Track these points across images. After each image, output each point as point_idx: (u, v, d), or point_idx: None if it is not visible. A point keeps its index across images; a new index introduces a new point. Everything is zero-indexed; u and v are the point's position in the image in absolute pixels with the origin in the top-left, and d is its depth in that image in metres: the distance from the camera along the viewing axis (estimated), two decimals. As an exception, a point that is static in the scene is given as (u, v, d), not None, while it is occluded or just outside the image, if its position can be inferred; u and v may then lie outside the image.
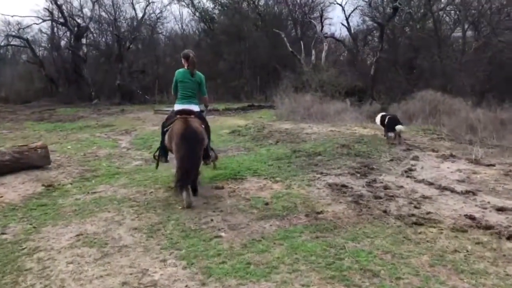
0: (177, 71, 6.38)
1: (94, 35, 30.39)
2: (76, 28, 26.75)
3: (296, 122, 12.63)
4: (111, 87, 27.78)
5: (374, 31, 29.54)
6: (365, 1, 22.93)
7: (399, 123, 9.37)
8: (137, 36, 29.06)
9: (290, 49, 23.39)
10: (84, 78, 27.15)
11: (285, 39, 24.34)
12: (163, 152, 6.66)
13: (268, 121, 13.80)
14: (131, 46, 29.56)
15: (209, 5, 28.94)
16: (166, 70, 28.97)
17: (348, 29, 29.12)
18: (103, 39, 31.71)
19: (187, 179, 5.55)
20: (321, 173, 6.81)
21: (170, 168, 7.05)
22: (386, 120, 9.54)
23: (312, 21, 26.24)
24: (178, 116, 5.98)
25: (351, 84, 19.85)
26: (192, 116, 5.95)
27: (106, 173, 7.88)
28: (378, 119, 10.03)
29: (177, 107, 6.18)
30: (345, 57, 28.60)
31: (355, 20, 29.39)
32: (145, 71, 28.84)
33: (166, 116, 7.27)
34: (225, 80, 24.63)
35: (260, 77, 24.85)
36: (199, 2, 29.08)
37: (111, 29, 29.65)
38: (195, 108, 6.19)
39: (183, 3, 29.11)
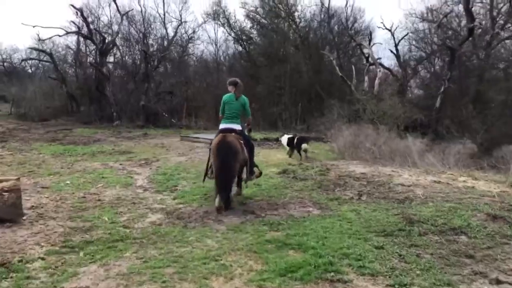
0: (224, 95, 7.01)
1: (121, 51, 28.16)
2: (101, 43, 24.56)
3: (368, 164, 9.57)
4: (135, 108, 25.35)
5: (426, 60, 26.64)
6: (431, 23, 19.96)
7: (305, 141, 10.82)
8: (166, 55, 26.72)
9: (340, 74, 20.48)
10: (107, 97, 24.81)
11: (334, 62, 21.50)
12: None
13: (326, 158, 10.75)
14: (159, 65, 27.24)
15: (246, 24, 26.52)
16: (196, 92, 26.48)
17: (397, 56, 26.19)
18: (130, 57, 29.59)
19: (223, 191, 6.09)
20: (489, 278, 3.65)
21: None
22: (295, 141, 10.91)
23: (363, 44, 23.37)
24: (220, 134, 6.59)
25: (411, 116, 16.70)
26: (233, 134, 6.55)
27: (105, 237, 4.95)
28: (284, 140, 11.27)
29: (222, 126, 6.85)
30: (393, 87, 25.43)
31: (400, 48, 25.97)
32: (173, 93, 26.35)
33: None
34: (261, 106, 21.78)
35: (301, 104, 21.95)
36: (235, 22, 26.68)
37: (139, 47, 27.50)
38: (237, 127, 6.79)
39: (218, 22, 26.73)
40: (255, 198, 6.89)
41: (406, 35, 26.29)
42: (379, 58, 22.44)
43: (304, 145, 10.64)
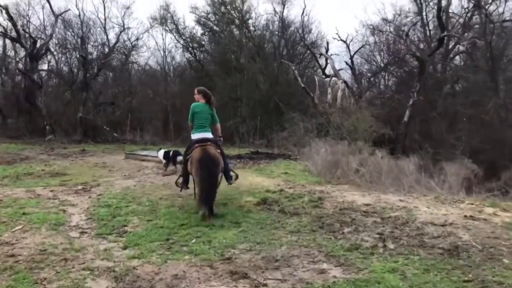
0: (194, 104, 7.08)
1: (56, 58, 25.21)
2: (32, 47, 21.59)
3: (363, 189, 7.97)
4: (71, 120, 22.51)
5: (381, 73, 26.09)
6: (399, 33, 19.11)
7: (179, 154, 10.60)
8: (107, 62, 24.13)
9: (302, 85, 19.05)
10: (38, 108, 21.82)
11: (296, 72, 20.07)
12: (185, 180, 7.26)
13: (307, 182, 9.08)
14: (99, 74, 24.55)
15: (196, 30, 24.56)
16: (142, 103, 24.08)
17: (352, 68, 25.36)
18: (66, 65, 26.62)
19: (209, 199, 6.39)
20: None
21: None
22: (171, 154, 11.21)
23: (324, 55, 22.20)
24: (196, 144, 6.72)
25: (378, 131, 15.53)
26: (209, 143, 6.73)
27: None
28: (161, 154, 11.52)
29: (195, 136, 6.93)
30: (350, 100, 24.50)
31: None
32: (115, 104, 23.76)
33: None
34: None
35: (259, 117, 20.25)
36: (185, 28, 24.64)
37: (76, 53, 24.70)
38: (210, 135, 6.97)
39: (166, 28, 24.55)
40: (238, 246, 5.04)
41: (362, 46, 25.63)
42: (341, 69, 21.43)
43: (179, 158, 10.85)
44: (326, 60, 23.89)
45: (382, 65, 25.61)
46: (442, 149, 13.64)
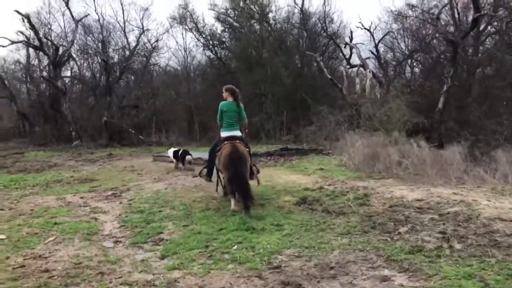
0: (222, 103, 7.17)
1: (78, 64, 25.29)
2: (54, 54, 21.64)
3: (410, 183, 7.43)
4: (97, 125, 22.50)
5: (406, 61, 25.16)
6: (426, 17, 18.24)
7: (189, 154, 11.71)
8: (129, 64, 24.04)
9: (329, 77, 18.46)
10: (64, 114, 21.89)
11: (321, 63, 19.49)
12: (209, 173, 7.61)
13: (346, 178, 8.58)
14: (121, 77, 24.50)
15: (216, 28, 24.17)
16: (165, 104, 23.89)
17: (378, 57, 24.55)
18: (89, 70, 26.71)
19: (247, 198, 6.35)
20: None
21: None
22: (180, 153, 11.77)
23: (350, 44, 21.51)
24: (226, 142, 6.88)
25: (411, 120, 14.81)
26: (237, 141, 6.89)
27: None
28: (171, 153, 12.16)
29: (224, 134, 7.09)
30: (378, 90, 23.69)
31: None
32: (139, 106, 23.65)
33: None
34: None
35: (286, 112, 19.73)
36: (204, 26, 24.27)
37: (98, 58, 24.69)
38: (238, 133, 7.13)
39: (185, 27, 24.26)
40: (285, 252, 4.62)
41: (387, 34, 24.78)
42: (367, 58, 20.70)
43: (188, 157, 11.67)
44: (351, 49, 23.20)
45: (407, 52, 24.76)
46: (482, 136, 12.86)
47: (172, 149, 12.33)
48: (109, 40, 25.17)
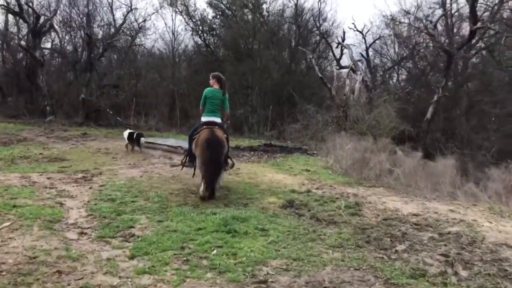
0: (206, 89, 7.18)
1: (60, 36, 24.12)
2: (33, 21, 20.48)
3: (402, 194, 7.03)
4: (73, 102, 21.49)
5: (394, 68, 25.05)
6: (427, 21, 17.93)
7: (143, 136, 12.07)
8: (113, 41, 23.04)
9: (320, 75, 18.00)
10: (39, 87, 20.82)
11: (313, 61, 19.01)
12: (191, 158, 7.34)
13: (335, 182, 8.14)
14: (104, 54, 23.47)
15: (207, 13, 23.36)
16: (147, 87, 23.03)
17: (367, 60, 24.30)
18: (71, 44, 25.52)
19: (212, 181, 6.54)
20: None
21: None
22: (135, 136, 11.94)
23: (343, 44, 21.05)
24: (204, 126, 6.92)
25: (397, 128, 14.53)
26: (216, 127, 6.90)
27: None
28: (126, 134, 12.14)
29: (204, 119, 7.11)
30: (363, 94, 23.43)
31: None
32: (120, 86, 22.71)
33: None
34: None
35: (271, 107, 19.16)
36: (195, 10, 23.45)
37: (81, 32, 23.55)
38: (218, 120, 7.13)
39: (176, 9, 23.37)
40: (270, 262, 4.13)
41: (379, 38, 24.58)
42: (359, 60, 20.35)
43: (142, 139, 11.92)
44: (342, 50, 22.83)
45: (397, 58, 24.62)
46: (468, 150, 12.66)
47: (128, 131, 12.42)
48: (94, 15, 24.10)
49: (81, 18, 23.85)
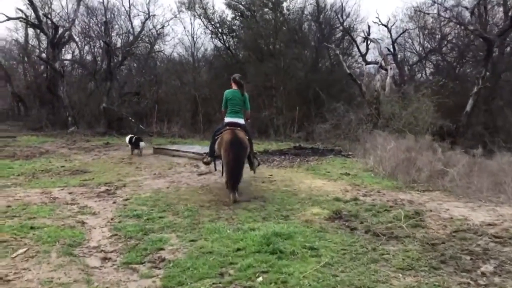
0: (226, 91, 7.32)
1: (79, 46, 23.98)
2: (53, 33, 20.28)
3: (459, 197, 6.20)
4: (95, 112, 21.21)
5: (421, 61, 23.93)
6: (464, 8, 16.85)
7: (142, 141, 12.73)
8: (132, 49, 22.72)
9: (348, 71, 17.16)
10: (60, 98, 20.60)
11: (340, 57, 18.16)
12: (212, 155, 7.56)
13: (382, 187, 7.34)
14: (124, 62, 23.16)
15: (226, 15, 22.77)
16: (168, 93, 22.59)
17: (394, 55, 23.26)
18: (90, 54, 25.38)
19: (235, 181, 6.66)
20: None
21: None
22: (134, 140, 12.69)
23: (371, 38, 20.12)
24: (227, 127, 7.03)
25: (435, 123, 13.55)
26: (239, 128, 7.02)
27: None
28: (127, 139, 13.02)
29: (227, 119, 7.21)
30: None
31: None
32: (140, 94, 22.34)
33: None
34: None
35: (298, 107, 18.36)
36: (214, 13, 22.91)
37: (100, 42, 23.31)
38: (241, 121, 7.25)
39: (194, 13, 22.90)
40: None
41: (405, 31, 23.56)
42: (388, 54, 19.38)
43: (141, 143, 12.50)
44: (367, 45, 21.92)
45: (423, 52, 23.57)
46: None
47: (129, 136, 13.22)
48: (112, 24, 23.88)
49: (99, 28, 23.72)
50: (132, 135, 13.32)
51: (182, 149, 12.40)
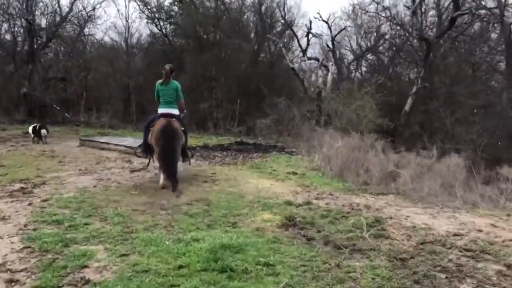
0: (158, 81, 7.32)
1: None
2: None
3: (414, 202, 5.89)
4: (13, 97, 19.15)
5: (365, 56, 24.31)
6: (407, 7, 16.96)
7: (44, 128, 12.28)
8: (58, 31, 20.79)
9: (291, 65, 16.75)
10: (-28, 80, 18.38)
11: (283, 50, 17.71)
12: (146, 149, 7.47)
13: (333, 189, 6.91)
14: (48, 44, 21.15)
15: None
16: (99, 80, 20.98)
17: (333, 52, 23.38)
18: (9, 33, 22.90)
19: (171, 170, 6.55)
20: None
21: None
22: (37, 128, 12.23)
23: (313, 33, 19.90)
24: (161, 118, 6.97)
25: (374, 121, 13.56)
26: (174, 119, 7.00)
27: None
28: (30, 129, 12.41)
29: (160, 110, 7.17)
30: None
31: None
32: (67, 79, 20.53)
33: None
34: (186, 102, 16.98)
35: (240, 100, 17.66)
36: (151, -5, 21.50)
37: (22, 20, 21.06)
38: (175, 112, 7.21)
39: (128, -6, 21.39)
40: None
41: (344, 28, 23.78)
42: (329, 50, 19.25)
43: (43, 131, 12.09)
44: (308, 40, 21.77)
45: (359, 50, 23.95)
46: (452, 144, 11.86)
47: (32, 125, 12.74)
48: (36, 2, 21.66)
49: (20, 4, 21.42)
50: (36, 124, 12.80)
51: (112, 141, 11.31)
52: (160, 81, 7.22)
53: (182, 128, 7.13)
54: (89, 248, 4.22)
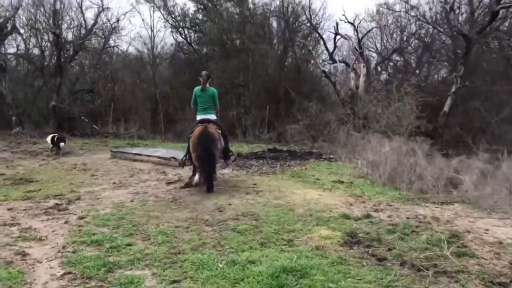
0: (195, 88, 7.46)
1: (24, 38, 21.70)
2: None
3: (484, 210, 5.33)
4: (43, 111, 19.22)
5: (391, 57, 23.55)
6: (442, 3, 16.26)
7: (63, 141, 12.29)
8: (84, 44, 20.84)
9: (322, 68, 16.26)
10: (2, 95, 18.50)
11: (313, 53, 17.25)
12: (190, 157, 7.38)
13: (390, 198, 6.37)
14: (75, 57, 21.22)
15: (188, 8, 21.32)
16: (126, 91, 20.89)
17: (361, 53, 22.73)
18: (37, 47, 23.11)
19: (209, 176, 6.82)
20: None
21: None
22: (56, 139, 12.33)
23: (342, 35, 19.35)
24: (199, 124, 7.17)
25: (413, 123, 12.88)
26: (210, 124, 7.14)
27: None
28: (49, 139, 12.61)
29: (198, 117, 7.35)
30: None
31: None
32: (95, 91, 20.51)
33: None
34: None
35: (268, 106, 17.24)
36: (174, 5, 21.40)
37: (49, 35, 21.20)
38: (213, 117, 7.36)
39: (153, 4, 21.28)
40: None
41: (371, 30, 23.11)
42: (361, 52, 18.67)
43: (61, 144, 12.17)
44: (335, 43, 21.22)
45: (385, 51, 23.23)
46: (497, 146, 11.09)
47: (50, 136, 12.91)
48: (62, 15, 21.81)
49: (47, 19, 21.60)
50: (55, 134, 13.05)
51: (144, 152, 11.00)
52: (198, 87, 7.33)
53: (219, 131, 7.27)
54: (135, 274, 3.81)
